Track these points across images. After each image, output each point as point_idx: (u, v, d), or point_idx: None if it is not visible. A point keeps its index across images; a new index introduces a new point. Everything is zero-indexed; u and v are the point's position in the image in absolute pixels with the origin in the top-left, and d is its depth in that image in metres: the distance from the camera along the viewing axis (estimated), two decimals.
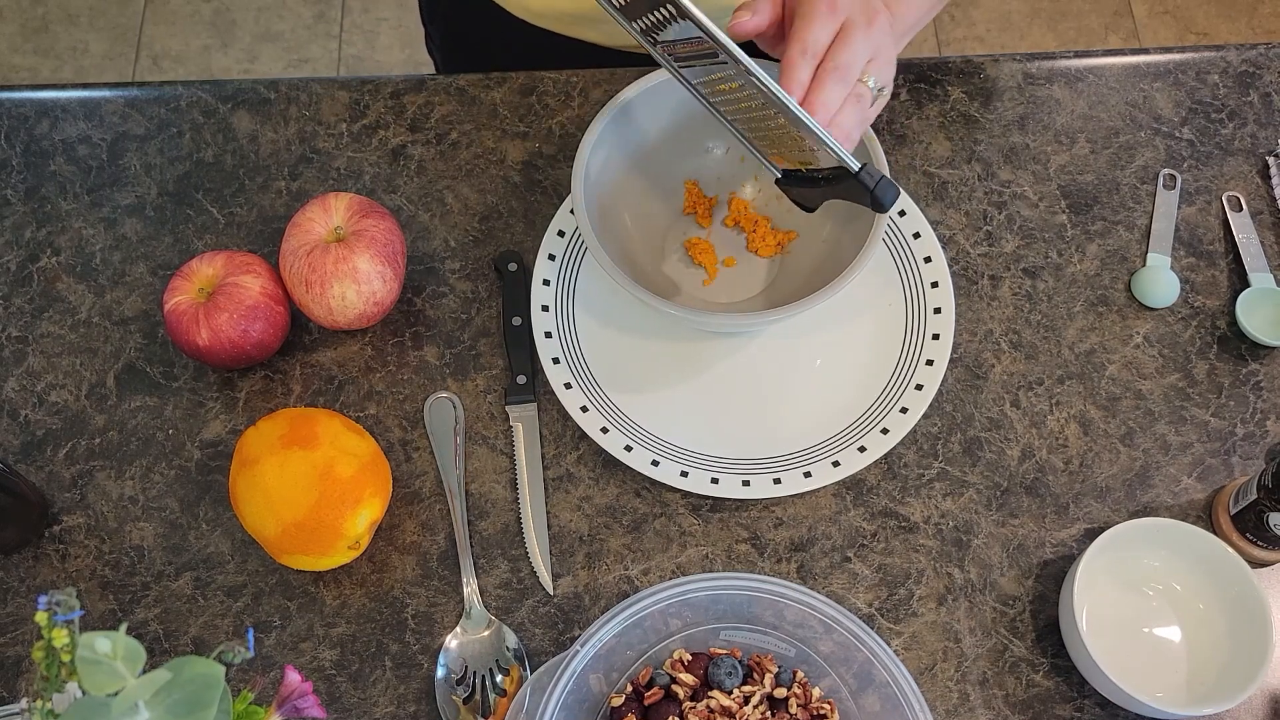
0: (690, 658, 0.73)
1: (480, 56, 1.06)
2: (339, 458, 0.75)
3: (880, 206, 0.70)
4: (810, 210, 0.79)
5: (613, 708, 0.72)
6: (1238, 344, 0.87)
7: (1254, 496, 0.77)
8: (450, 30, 1.11)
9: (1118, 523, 0.77)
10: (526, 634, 0.78)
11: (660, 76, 0.83)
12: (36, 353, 0.86)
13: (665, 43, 0.70)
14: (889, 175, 0.70)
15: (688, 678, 0.72)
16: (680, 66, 0.73)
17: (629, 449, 0.81)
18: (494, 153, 0.93)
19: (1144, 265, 0.90)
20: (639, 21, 0.69)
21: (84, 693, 0.47)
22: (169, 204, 0.91)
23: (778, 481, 0.80)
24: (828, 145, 0.69)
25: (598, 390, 0.83)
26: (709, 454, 0.82)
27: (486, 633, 0.78)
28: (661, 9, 0.66)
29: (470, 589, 0.78)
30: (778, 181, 0.77)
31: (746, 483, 0.80)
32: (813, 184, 0.74)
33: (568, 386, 0.83)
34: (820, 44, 0.69)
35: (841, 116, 0.70)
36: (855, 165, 0.69)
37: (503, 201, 0.91)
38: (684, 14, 0.65)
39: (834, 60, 0.69)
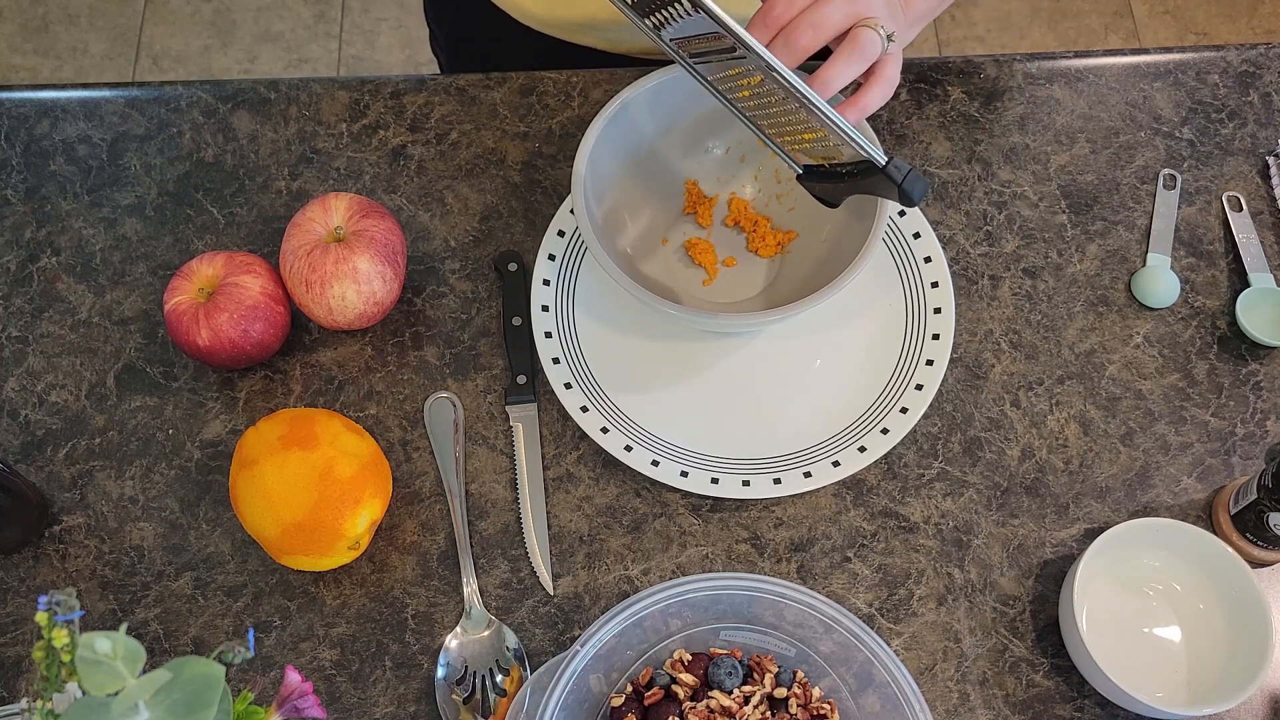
0: (690, 658, 0.73)
1: (485, 59, 1.06)
2: (339, 458, 0.75)
3: (909, 200, 0.67)
4: (833, 206, 0.77)
5: (613, 708, 0.72)
6: (1238, 344, 0.87)
7: (1254, 496, 0.77)
8: (455, 33, 1.11)
9: (1118, 523, 0.77)
10: (526, 634, 0.78)
11: (660, 77, 0.82)
12: (36, 353, 0.86)
13: (679, 39, 0.69)
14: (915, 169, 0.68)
15: (688, 678, 0.72)
16: (695, 63, 0.72)
17: (629, 449, 0.81)
18: (494, 153, 0.93)
19: (1144, 265, 0.90)
20: (652, 18, 0.68)
21: (84, 693, 0.47)
22: (169, 204, 0.91)
23: (778, 481, 0.80)
24: (852, 139, 0.67)
25: (598, 390, 0.83)
26: (709, 454, 0.82)
27: (486, 633, 0.78)
28: (676, 4, 0.65)
29: (470, 589, 0.78)
30: (799, 178, 0.76)
31: (746, 483, 0.80)
32: (836, 179, 0.72)
33: (568, 386, 0.83)
34: (795, 5, 0.68)
35: (832, 70, 0.68)
36: (882, 159, 0.67)
37: (503, 201, 0.91)
38: (699, 6, 0.64)
39: (810, 15, 0.67)
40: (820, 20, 0.68)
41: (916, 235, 0.87)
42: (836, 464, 0.81)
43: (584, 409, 0.82)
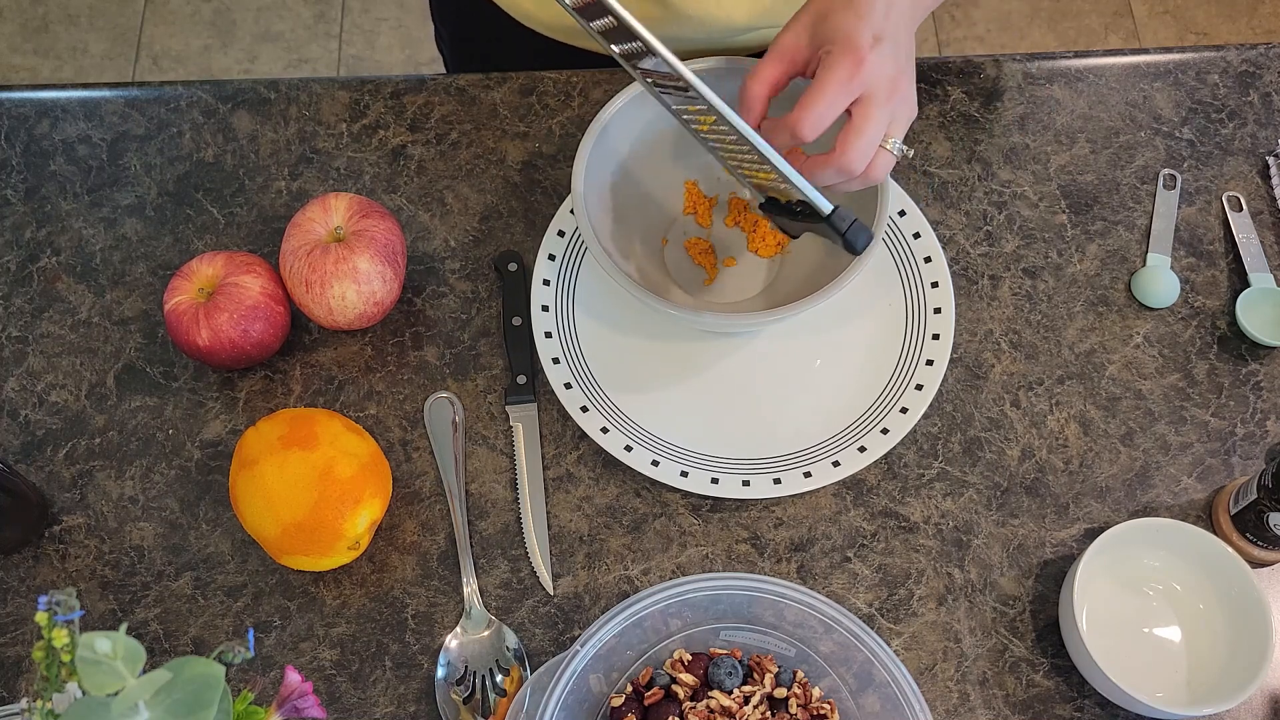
0: (690, 658, 0.73)
1: (486, 58, 1.06)
2: (339, 458, 0.75)
3: (852, 249, 0.70)
4: (793, 237, 0.79)
5: (613, 708, 0.72)
6: (1238, 344, 0.87)
7: (1254, 496, 0.77)
8: (458, 32, 1.11)
9: (1118, 523, 0.77)
10: (526, 634, 0.78)
11: None
12: (36, 353, 0.86)
13: (644, 70, 0.71)
14: (865, 221, 0.70)
15: (688, 678, 0.72)
16: (660, 92, 0.73)
17: (629, 449, 0.81)
18: (494, 153, 0.93)
19: (1144, 265, 0.90)
20: (618, 47, 0.70)
21: (84, 693, 0.47)
22: (169, 204, 0.91)
23: (778, 481, 0.80)
24: (798, 187, 0.68)
25: (598, 390, 0.83)
26: (709, 454, 0.82)
27: (486, 633, 0.78)
28: (635, 41, 0.66)
29: (470, 589, 0.78)
30: (760, 207, 0.78)
31: (746, 483, 0.80)
32: (791, 215, 0.74)
33: (568, 386, 0.83)
34: (825, 121, 0.68)
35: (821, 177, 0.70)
36: (827, 208, 0.69)
37: (503, 201, 0.91)
38: (651, 50, 0.65)
39: (841, 158, 0.68)
40: (880, 172, 0.71)
41: (916, 235, 0.87)
42: (836, 464, 0.81)
43: (584, 409, 0.82)
